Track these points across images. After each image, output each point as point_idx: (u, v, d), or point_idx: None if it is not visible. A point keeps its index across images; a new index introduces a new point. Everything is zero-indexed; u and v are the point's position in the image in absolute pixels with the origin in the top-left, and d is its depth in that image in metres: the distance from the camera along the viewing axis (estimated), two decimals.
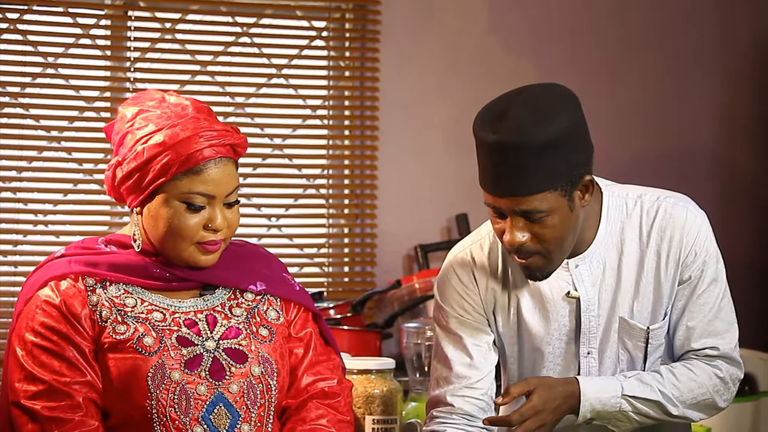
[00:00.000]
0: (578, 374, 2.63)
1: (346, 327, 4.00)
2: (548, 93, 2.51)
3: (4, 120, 4.42)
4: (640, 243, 2.62)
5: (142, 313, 2.38)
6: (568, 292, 2.62)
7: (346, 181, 4.79)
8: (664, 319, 2.63)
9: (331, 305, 4.21)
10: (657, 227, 2.61)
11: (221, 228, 2.39)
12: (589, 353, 2.64)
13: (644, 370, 2.63)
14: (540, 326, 2.65)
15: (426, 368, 3.64)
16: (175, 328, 2.38)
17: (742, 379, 2.68)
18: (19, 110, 4.42)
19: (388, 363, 3.21)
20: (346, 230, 4.81)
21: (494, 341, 2.71)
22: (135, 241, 2.41)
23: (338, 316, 4.12)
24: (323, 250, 4.78)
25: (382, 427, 3.15)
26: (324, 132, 4.79)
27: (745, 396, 4.18)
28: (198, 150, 2.34)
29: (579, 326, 2.63)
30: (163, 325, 2.38)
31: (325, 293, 4.68)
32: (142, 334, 2.35)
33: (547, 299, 2.63)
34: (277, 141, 4.71)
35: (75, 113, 4.48)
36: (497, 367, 2.75)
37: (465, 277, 2.69)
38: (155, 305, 2.40)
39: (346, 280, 4.80)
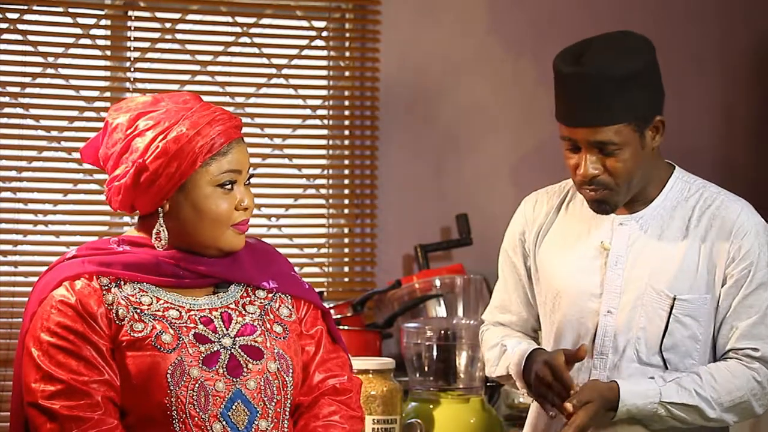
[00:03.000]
0: (595, 333, 2.70)
1: (346, 327, 4.00)
2: (628, 34, 2.67)
3: (4, 120, 4.42)
4: (688, 223, 2.70)
5: (159, 310, 2.39)
6: (602, 242, 2.72)
7: (346, 181, 4.79)
8: (697, 295, 2.66)
9: (331, 305, 4.21)
10: (709, 214, 2.71)
11: (250, 206, 2.44)
12: (609, 312, 2.70)
13: (660, 349, 2.67)
14: (572, 270, 2.74)
15: (426, 368, 3.64)
16: (192, 325, 2.39)
17: None
18: (19, 110, 4.42)
19: (388, 363, 3.22)
20: (346, 230, 4.81)
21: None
22: (159, 240, 2.42)
23: (338, 316, 4.12)
24: (323, 250, 4.79)
25: (382, 427, 3.15)
26: (324, 132, 4.79)
27: None
28: (220, 133, 2.39)
29: (604, 282, 2.71)
30: (179, 323, 2.38)
31: (325, 293, 4.68)
32: (160, 332, 2.36)
33: (585, 247, 2.75)
34: (277, 141, 4.71)
35: (75, 113, 4.48)
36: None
37: (529, 210, 2.88)
38: (171, 303, 2.41)
39: (346, 280, 4.80)
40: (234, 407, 2.36)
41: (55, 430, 2.30)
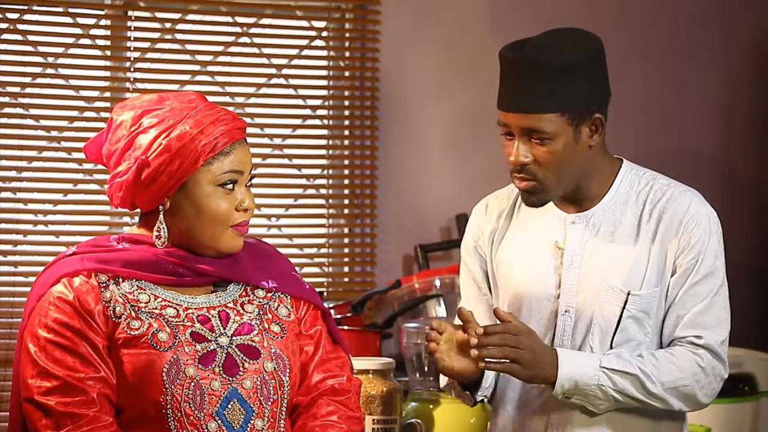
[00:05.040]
0: (554, 333, 2.69)
1: (346, 327, 4.00)
2: (577, 30, 2.67)
3: (4, 120, 4.42)
4: (640, 218, 2.69)
5: (156, 308, 2.39)
6: (557, 242, 2.71)
7: (346, 181, 4.80)
8: (649, 290, 2.66)
9: (331, 305, 4.21)
10: (659, 208, 2.69)
11: (251, 207, 2.44)
12: (566, 311, 2.70)
13: (611, 345, 2.67)
14: (528, 272, 2.72)
15: (426, 368, 3.64)
16: (189, 323, 2.40)
17: (725, 378, 2.70)
18: (19, 110, 4.42)
19: (388, 363, 3.22)
20: (346, 230, 4.81)
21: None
22: (159, 238, 2.42)
23: (338, 316, 4.12)
24: (323, 250, 4.79)
25: (382, 427, 3.15)
26: (324, 132, 4.79)
27: (745, 396, 4.18)
28: (223, 133, 2.40)
29: (561, 282, 2.70)
30: (176, 321, 2.39)
31: (325, 293, 4.68)
32: (156, 330, 2.36)
33: (540, 248, 2.72)
34: (277, 141, 4.71)
35: (75, 113, 4.48)
36: None
37: (480, 216, 2.86)
38: (168, 301, 2.41)
39: (346, 280, 4.80)
40: (229, 406, 2.37)
41: (50, 426, 2.30)
